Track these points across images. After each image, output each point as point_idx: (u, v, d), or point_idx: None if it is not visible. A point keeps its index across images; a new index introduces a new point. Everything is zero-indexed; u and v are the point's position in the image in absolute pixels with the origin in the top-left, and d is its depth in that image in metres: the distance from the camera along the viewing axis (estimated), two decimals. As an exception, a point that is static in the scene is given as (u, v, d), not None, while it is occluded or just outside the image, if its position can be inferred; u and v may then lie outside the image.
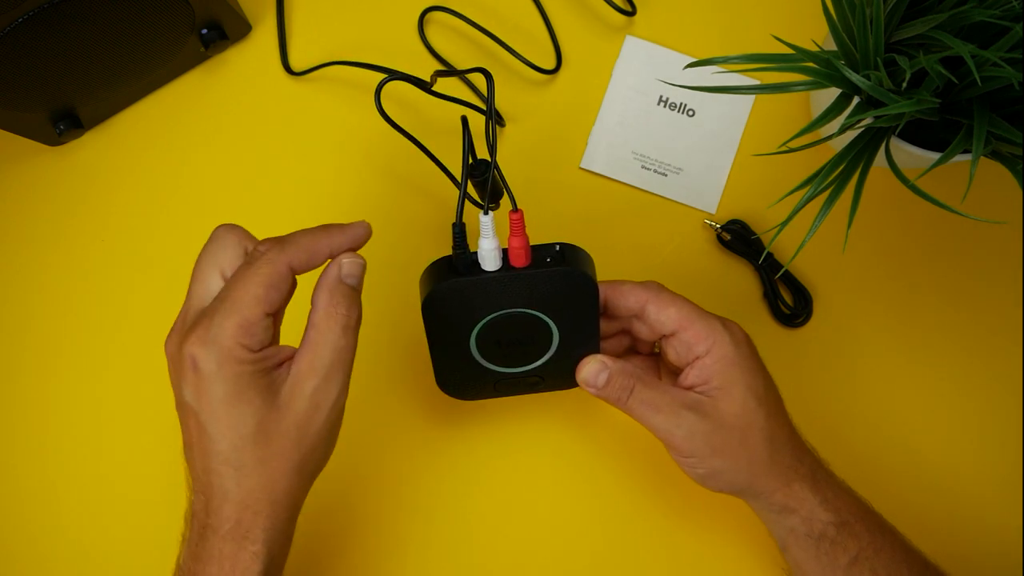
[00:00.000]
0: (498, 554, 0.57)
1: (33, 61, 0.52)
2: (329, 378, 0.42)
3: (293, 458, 0.41)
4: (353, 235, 0.45)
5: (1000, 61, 0.42)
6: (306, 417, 0.41)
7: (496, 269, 0.46)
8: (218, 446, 0.41)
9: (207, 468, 0.41)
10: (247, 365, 0.40)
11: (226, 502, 0.41)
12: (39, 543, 0.57)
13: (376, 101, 0.45)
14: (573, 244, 0.47)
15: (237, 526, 0.41)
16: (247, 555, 0.41)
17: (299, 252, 0.42)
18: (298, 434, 0.41)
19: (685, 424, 0.48)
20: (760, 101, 0.62)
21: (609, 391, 0.49)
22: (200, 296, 0.43)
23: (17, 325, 0.59)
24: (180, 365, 0.41)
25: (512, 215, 0.45)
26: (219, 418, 0.40)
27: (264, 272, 0.41)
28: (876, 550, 0.48)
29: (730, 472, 0.49)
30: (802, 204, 0.46)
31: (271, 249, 0.42)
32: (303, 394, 0.41)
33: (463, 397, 0.54)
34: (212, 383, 0.40)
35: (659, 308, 0.49)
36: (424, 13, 0.62)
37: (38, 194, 0.61)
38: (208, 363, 0.40)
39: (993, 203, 0.59)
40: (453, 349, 0.50)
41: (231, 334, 0.40)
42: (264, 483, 0.41)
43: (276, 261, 0.42)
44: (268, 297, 0.41)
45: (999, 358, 0.59)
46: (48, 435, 0.58)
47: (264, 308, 0.41)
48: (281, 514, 0.42)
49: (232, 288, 0.41)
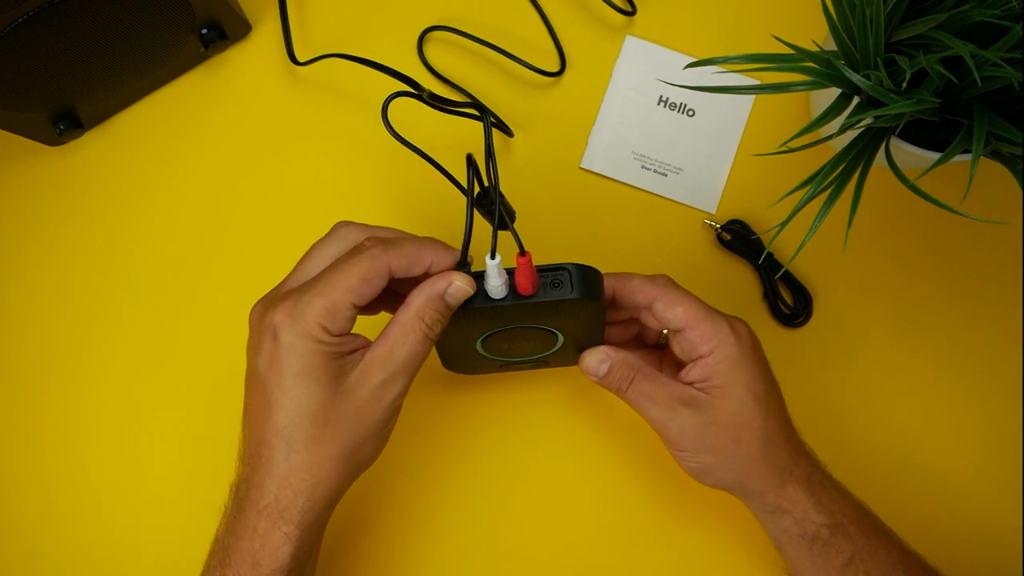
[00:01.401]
0: (497, 542, 0.57)
1: (33, 61, 0.52)
2: (397, 376, 0.43)
3: (346, 444, 0.42)
4: (455, 256, 0.45)
5: (1000, 61, 0.42)
6: (365, 406, 0.42)
7: (502, 298, 0.45)
8: (277, 417, 0.42)
9: (261, 439, 0.42)
10: (323, 345, 0.41)
11: (269, 476, 0.42)
12: (38, 543, 0.57)
13: (384, 118, 0.45)
14: (581, 265, 0.46)
15: (275, 503, 0.42)
16: (279, 535, 0.42)
17: (401, 257, 0.43)
18: (355, 421, 0.42)
19: (678, 418, 0.48)
20: (760, 101, 0.62)
21: (609, 380, 0.50)
22: (299, 277, 0.44)
23: (17, 325, 0.59)
24: (260, 332, 0.42)
25: (520, 259, 0.44)
26: (286, 390, 0.41)
27: (363, 265, 0.42)
28: (871, 552, 0.48)
29: (721, 469, 0.49)
30: (802, 204, 0.46)
31: (376, 246, 0.43)
32: (369, 383, 0.42)
33: (467, 373, 0.56)
34: (287, 354, 0.41)
35: (666, 306, 0.49)
36: (424, 33, 0.62)
37: (38, 194, 0.61)
38: (288, 334, 0.41)
39: (993, 203, 0.59)
40: (459, 349, 0.51)
41: (316, 313, 0.41)
42: (310, 462, 0.42)
43: (377, 258, 0.43)
44: (360, 289, 0.42)
45: (999, 358, 0.59)
46: (47, 435, 0.58)
47: (353, 298, 0.42)
48: (319, 498, 0.43)
49: (329, 272, 0.43)
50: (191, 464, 0.58)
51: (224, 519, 0.45)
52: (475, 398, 0.59)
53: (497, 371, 0.55)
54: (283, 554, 0.42)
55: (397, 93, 0.46)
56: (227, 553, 0.43)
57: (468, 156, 0.44)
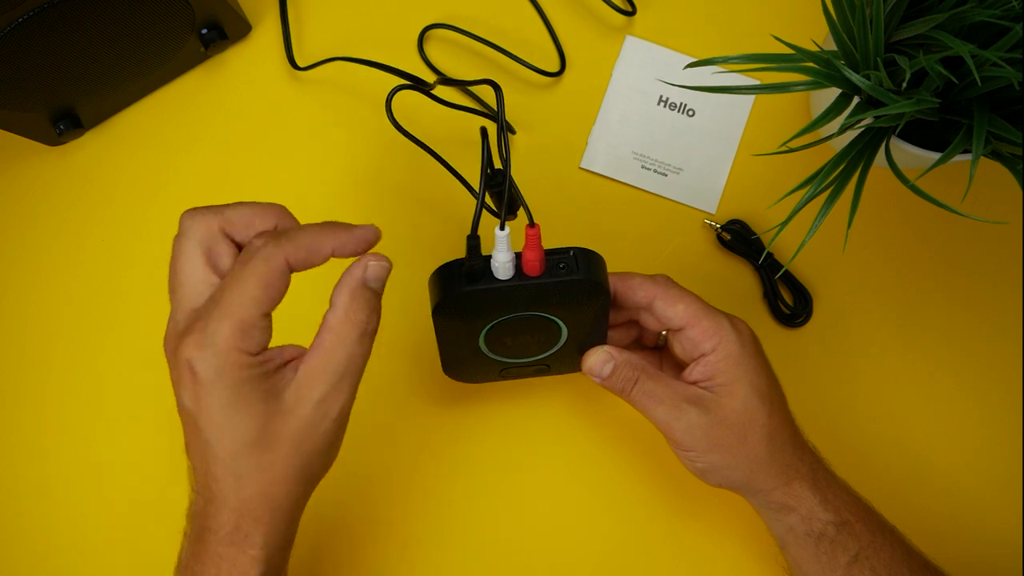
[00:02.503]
0: (501, 549, 0.57)
1: (33, 61, 0.52)
2: (339, 385, 0.40)
3: (294, 464, 0.40)
4: (360, 237, 0.42)
5: (1000, 61, 0.42)
6: (310, 423, 0.40)
7: (509, 278, 0.45)
8: (217, 452, 0.39)
9: (207, 471, 0.40)
10: (246, 370, 0.39)
11: (224, 508, 0.40)
12: (37, 542, 0.57)
13: (388, 111, 0.44)
14: (587, 249, 0.46)
15: (236, 531, 0.40)
16: (246, 559, 0.40)
17: (298, 250, 0.40)
18: (300, 440, 0.40)
19: (685, 418, 0.48)
20: (760, 101, 0.62)
21: (613, 381, 0.50)
22: (188, 294, 0.41)
23: (16, 325, 0.59)
24: (177, 369, 0.39)
25: (529, 230, 0.44)
26: (218, 425, 0.39)
27: (260, 271, 0.39)
28: (876, 550, 0.48)
29: (728, 468, 0.49)
30: (802, 204, 0.46)
31: (267, 244, 0.40)
32: (310, 400, 0.40)
33: (468, 381, 0.55)
34: (210, 390, 0.38)
35: (667, 304, 0.49)
36: (425, 30, 0.62)
37: (38, 194, 0.61)
38: (206, 369, 0.38)
39: (993, 203, 0.59)
40: (462, 345, 0.50)
41: (228, 337, 0.38)
42: (263, 490, 0.40)
43: (273, 258, 0.39)
44: (266, 297, 0.39)
45: (999, 358, 0.59)
46: (47, 434, 0.58)
47: (262, 309, 0.39)
48: (281, 520, 0.41)
49: (227, 288, 0.39)
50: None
51: (186, 543, 0.43)
52: (476, 407, 0.59)
53: (498, 378, 0.54)
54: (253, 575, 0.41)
55: (401, 86, 0.46)
56: None
57: (482, 128, 0.44)
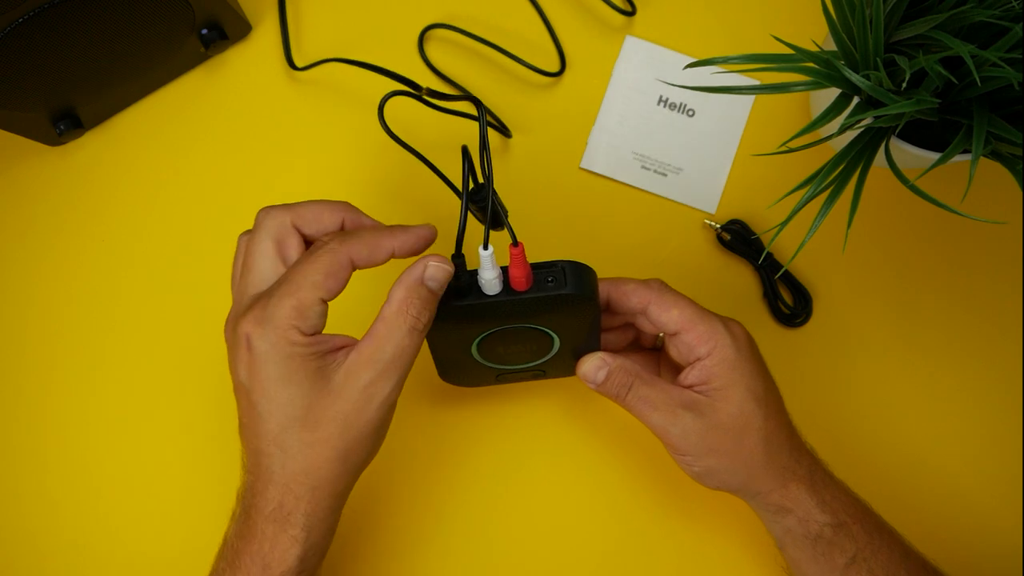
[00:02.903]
0: (498, 554, 0.57)
1: (33, 61, 0.52)
2: (385, 374, 0.42)
3: (338, 446, 0.42)
4: (417, 236, 0.45)
5: (1000, 61, 0.42)
6: (355, 407, 0.42)
7: (496, 293, 0.45)
8: (267, 425, 0.42)
9: (256, 449, 0.42)
10: (299, 347, 0.41)
11: (271, 484, 0.42)
12: (38, 542, 0.57)
13: (380, 117, 0.45)
14: (575, 262, 0.46)
15: (279, 508, 0.42)
16: (286, 538, 0.42)
17: (361, 247, 0.43)
18: (345, 423, 0.42)
19: (681, 423, 0.48)
20: (760, 101, 0.62)
21: (608, 387, 0.50)
22: (254, 281, 0.44)
23: (17, 325, 0.59)
24: (235, 345, 0.42)
25: (512, 249, 0.44)
26: (270, 398, 0.41)
27: (324, 260, 0.42)
28: (874, 551, 0.48)
29: (725, 471, 0.49)
30: (802, 204, 0.46)
31: (334, 240, 0.43)
32: (356, 384, 0.42)
33: (464, 385, 0.55)
34: (265, 362, 0.41)
35: (661, 309, 0.49)
36: (425, 30, 0.62)
37: (38, 194, 0.61)
38: (262, 342, 0.41)
39: (993, 203, 0.59)
40: (455, 354, 0.50)
41: (286, 315, 0.41)
42: (307, 467, 0.42)
43: (337, 252, 0.42)
44: (326, 284, 0.42)
45: (999, 358, 0.59)
46: (47, 434, 0.58)
47: (321, 294, 0.42)
48: (322, 502, 0.42)
49: (291, 273, 0.42)
50: (192, 463, 0.58)
51: (232, 524, 0.45)
52: (472, 410, 0.59)
53: (494, 382, 0.55)
54: (291, 556, 0.42)
55: (393, 92, 0.46)
56: (236, 556, 0.43)
57: (463, 148, 0.44)
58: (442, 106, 0.50)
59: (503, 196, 0.48)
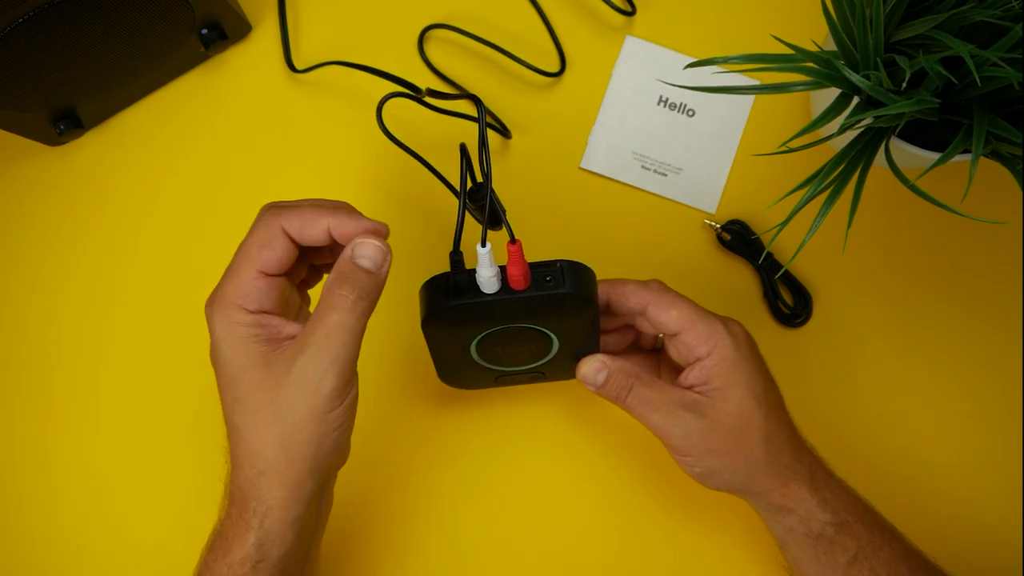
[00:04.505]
0: (496, 547, 0.57)
1: (33, 61, 0.52)
2: (316, 358, 0.41)
3: (274, 431, 0.41)
4: (359, 220, 0.44)
5: (1000, 61, 0.42)
6: (286, 393, 0.41)
7: (494, 292, 0.45)
8: (224, 406, 0.43)
9: (231, 432, 0.43)
10: (244, 327, 0.42)
11: (232, 465, 0.43)
12: (37, 541, 0.57)
13: (378, 118, 0.45)
14: (574, 261, 0.46)
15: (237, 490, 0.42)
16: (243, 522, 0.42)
17: (293, 217, 0.43)
18: (276, 409, 0.41)
19: (682, 424, 0.48)
20: (760, 101, 0.62)
21: (608, 389, 0.50)
22: None
23: (17, 325, 0.59)
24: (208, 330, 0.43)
25: (510, 247, 0.44)
26: (223, 377, 0.42)
27: (257, 232, 0.43)
28: (875, 549, 0.48)
29: (726, 472, 0.49)
30: (802, 204, 0.46)
31: (268, 211, 0.44)
32: (288, 368, 0.41)
33: (464, 387, 0.55)
34: (219, 343, 0.42)
35: (660, 310, 0.49)
36: (425, 30, 0.62)
37: (38, 194, 0.61)
38: (216, 324, 0.42)
39: (993, 203, 0.59)
40: (454, 354, 0.50)
41: (230, 294, 0.42)
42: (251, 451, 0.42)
43: (269, 222, 0.43)
44: (260, 256, 0.42)
45: (999, 358, 0.59)
46: (47, 434, 0.58)
47: (257, 266, 0.42)
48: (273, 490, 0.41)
49: (235, 254, 0.44)
50: (192, 461, 0.58)
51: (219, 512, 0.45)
52: (473, 413, 0.59)
53: (494, 385, 0.55)
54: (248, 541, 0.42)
55: (392, 94, 0.46)
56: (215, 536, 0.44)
57: (461, 145, 0.44)
58: (442, 107, 0.50)
59: (502, 196, 0.48)
